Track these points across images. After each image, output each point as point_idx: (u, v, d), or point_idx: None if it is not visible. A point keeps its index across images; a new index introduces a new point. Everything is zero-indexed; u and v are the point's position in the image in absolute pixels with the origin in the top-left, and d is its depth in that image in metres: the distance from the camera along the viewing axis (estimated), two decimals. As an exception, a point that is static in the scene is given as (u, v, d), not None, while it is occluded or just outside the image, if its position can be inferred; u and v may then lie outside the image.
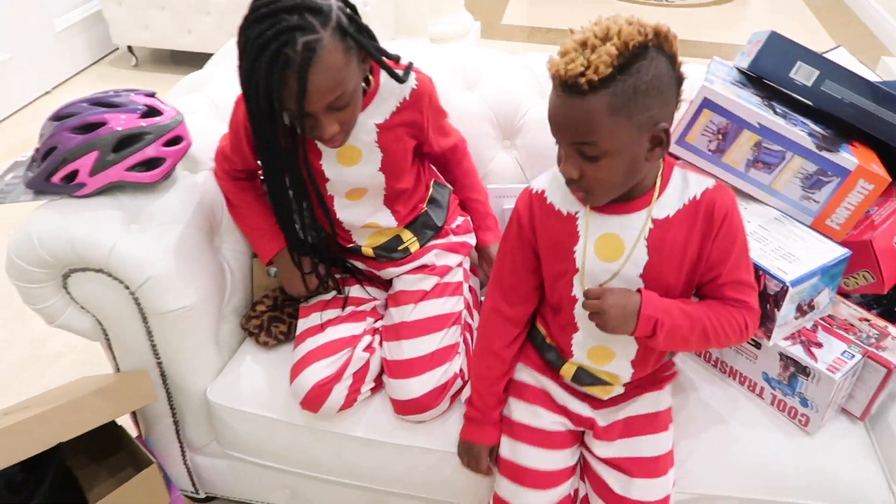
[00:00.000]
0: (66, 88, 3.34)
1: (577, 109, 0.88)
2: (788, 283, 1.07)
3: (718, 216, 1.00)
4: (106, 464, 1.35)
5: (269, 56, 0.96)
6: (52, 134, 1.19)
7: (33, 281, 1.19)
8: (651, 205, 1.01)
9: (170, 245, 1.20)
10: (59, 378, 1.87)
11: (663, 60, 0.88)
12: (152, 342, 1.26)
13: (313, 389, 1.20)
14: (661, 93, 0.88)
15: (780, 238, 1.17)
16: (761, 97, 1.27)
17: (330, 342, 1.25)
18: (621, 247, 1.03)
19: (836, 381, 1.10)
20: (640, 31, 0.85)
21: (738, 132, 1.21)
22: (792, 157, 1.19)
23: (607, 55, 0.84)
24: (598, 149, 0.90)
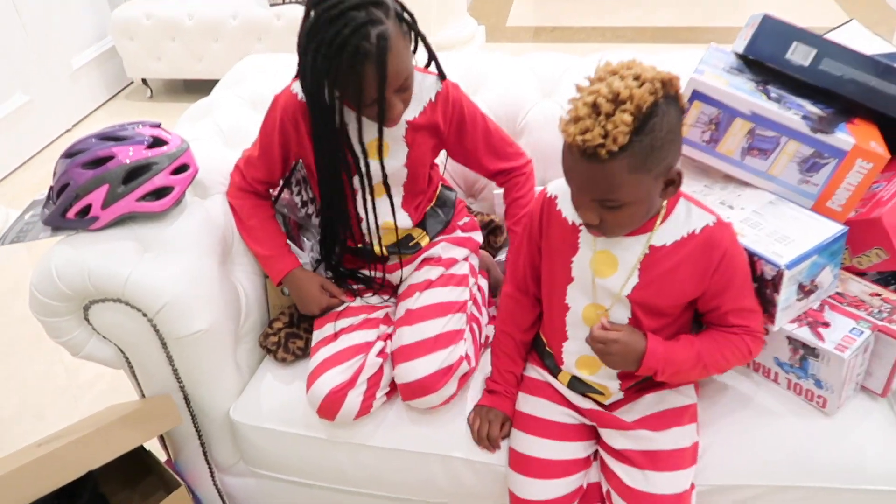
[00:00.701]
0: (86, 125, 3.43)
1: (597, 173, 0.92)
2: (783, 266, 1.06)
3: (717, 255, 1.04)
4: (138, 488, 1.38)
5: (350, 53, 1.04)
6: (64, 171, 1.23)
7: (56, 314, 1.22)
8: (652, 232, 1.04)
9: (183, 271, 1.23)
10: (93, 404, 1.92)
11: (672, 109, 0.92)
12: (173, 366, 1.29)
13: (328, 396, 1.22)
14: (673, 140, 0.94)
15: (774, 221, 1.16)
16: (756, 82, 1.25)
17: (343, 350, 1.27)
18: (615, 265, 1.07)
19: (845, 359, 1.08)
20: (651, 91, 0.88)
21: (731, 121, 1.20)
22: (787, 141, 1.18)
23: (624, 125, 0.87)
24: (619, 202, 0.95)
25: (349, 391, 1.22)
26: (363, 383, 1.24)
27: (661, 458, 1.11)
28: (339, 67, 1.06)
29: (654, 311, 1.08)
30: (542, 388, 1.23)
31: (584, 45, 3.82)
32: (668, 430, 1.13)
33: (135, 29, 3.31)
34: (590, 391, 1.18)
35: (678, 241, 1.05)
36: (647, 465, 1.10)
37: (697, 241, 1.04)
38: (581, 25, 4.07)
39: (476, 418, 1.24)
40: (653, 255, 1.05)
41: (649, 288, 1.06)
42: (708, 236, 1.04)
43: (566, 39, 3.91)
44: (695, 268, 1.05)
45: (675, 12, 4.18)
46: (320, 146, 1.21)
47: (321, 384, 1.23)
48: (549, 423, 1.19)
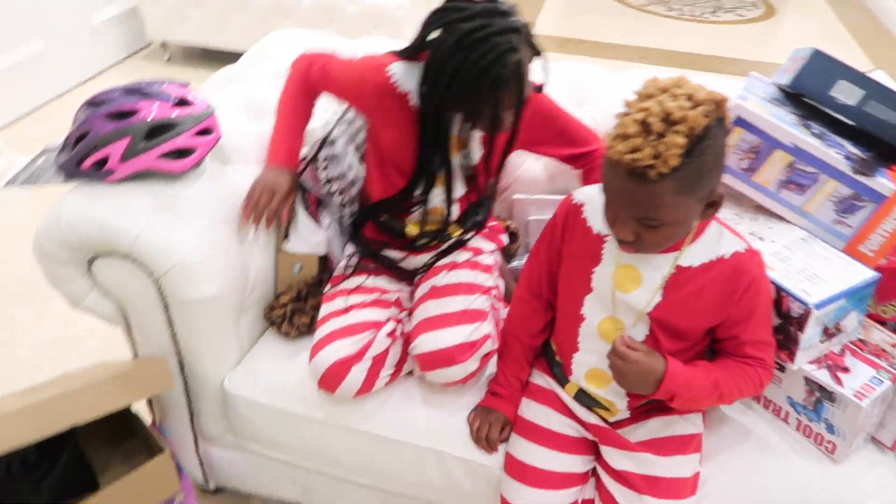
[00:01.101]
0: (99, 81, 3.38)
1: (642, 193, 0.89)
2: (812, 306, 1.04)
3: (743, 282, 1.02)
4: (119, 449, 1.35)
5: (491, 78, 1.07)
6: (85, 119, 1.21)
7: (59, 263, 1.20)
8: (680, 251, 1.03)
9: (196, 235, 1.21)
10: (82, 359, 1.88)
11: (721, 132, 0.90)
12: (172, 331, 1.26)
13: (333, 367, 1.19)
14: (719, 164, 0.93)
15: (805, 259, 1.14)
16: (798, 116, 1.24)
17: (353, 324, 1.24)
18: (638, 281, 1.05)
19: (863, 408, 1.07)
20: (705, 114, 0.86)
21: (771, 151, 1.19)
22: (826, 179, 1.17)
23: (677, 147, 0.85)
24: (660, 221, 0.93)
25: (354, 365, 1.20)
26: (369, 359, 1.21)
27: (661, 485, 1.09)
28: (476, 90, 1.09)
29: (673, 333, 1.06)
30: (548, 396, 1.21)
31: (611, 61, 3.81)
32: (672, 457, 1.11)
33: (161, -10, 3.28)
34: (596, 406, 1.16)
35: (706, 264, 1.03)
36: (646, 490, 1.08)
37: (726, 265, 1.02)
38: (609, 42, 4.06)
39: (476, 418, 1.22)
40: (679, 274, 1.03)
41: (672, 308, 1.05)
42: (737, 262, 1.02)
43: (593, 54, 3.90)
44: (720, 293, 1.03)
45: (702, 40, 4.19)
46: (423, 145, 1.23)
47: (326, 354, 1.21)
48: (551, 433, 1.17)
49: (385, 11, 3.10)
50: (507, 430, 1.21)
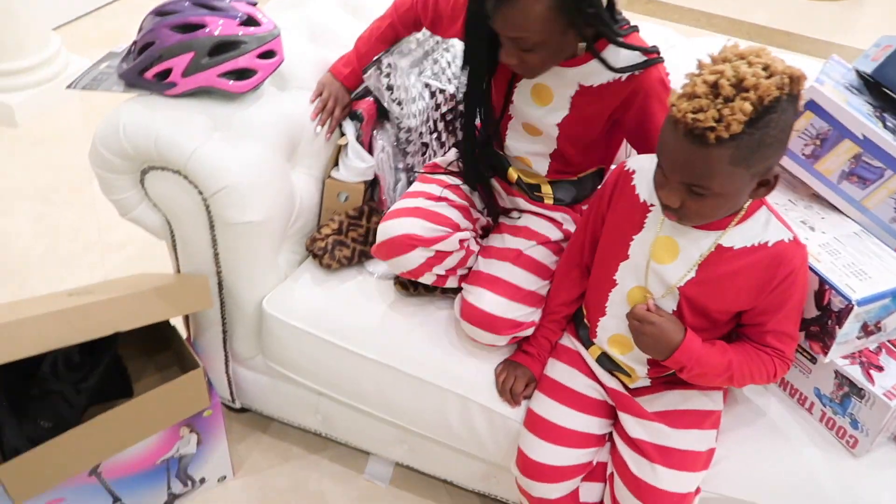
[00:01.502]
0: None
1: (697, 156, 0.87)
2: (854, 302, 1.02)
3: (782, 273, 1.00)
4: (154, 359, 1.39)
5: None
6: (151, 29, 1.20)
7: (114, 171, 1.21)
8: (724, 231, 1.00)
9: (248, 159, 1.21)
10: (119, 266, 1.93)
11: (791, 108, 0.87)
12: (216, 250, 1.28)
13: (401, 237, 1.20)
14: (783, 141, 0.89)
15: (854, 254, 1.12)
16: (874, 107, 1.19)
17: (439, 213, 1.25)
18: (676, 254, 1.04)
19: (891, 407, 1.06)
20: (779, 85, 0.83)
21: (839, 140, 1.14)
22: (892, 175, 1.13)
23: (742, 113, 0.82)
24: (709, 191, 0.90)
25: (420, 247, 1.21)
26: (433, 251, 1.22)
27: (674, 456, 1.10)
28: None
29: (700, 312, 1.06)
30: (573, 356, 1.23)
31: (678, 25, 3.68)
32: (687, 431, 1.12)
33: None
34: (617, 370, 1.17)
35: (747, 248, 1.01)
36: (658, 459, 1.10)
37: (767, 253, 1.00)
38: (676, 4, 3.91)
39: (504, 371, 1.24)
40: (718, 254, 1.01)
41: (703, 286, 1.03)
42: (780, 252, 1.00)
43: (659, 15, 3.77)
44: (755, 280, 1.01)
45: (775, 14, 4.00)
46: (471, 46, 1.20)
47: (400, 224, 1.21)
48: (573, 393, 1.19)
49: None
50: (532, 386, 1.23)
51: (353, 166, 1.37)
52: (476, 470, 1.38)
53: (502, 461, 1.27)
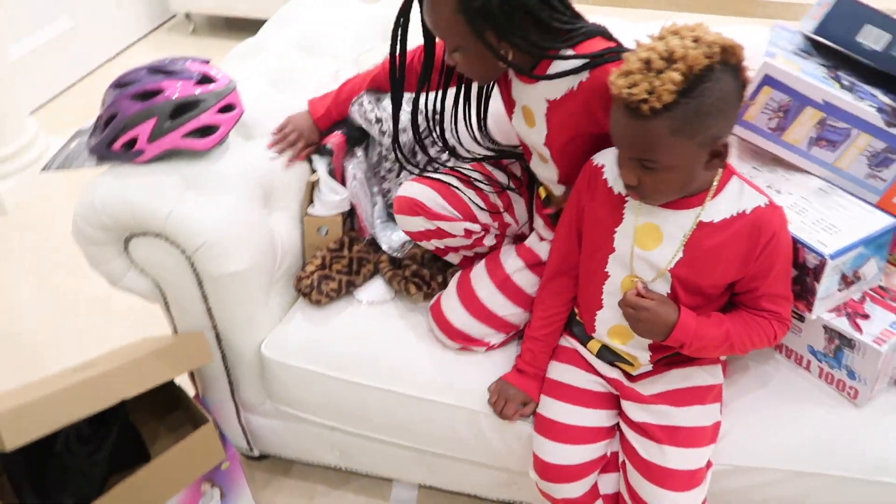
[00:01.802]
0: (127, 56, 3.42)
1: (638, 130, 0.91)
2: (827, 256, 1.04)
3: (764, 237, 1.01)
4: (166, 421, 1.42)
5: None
6: (112, 101, 1.23)
7: (97, 244, 1.24)
8: (701, 206, 1.02)
9: (223, 211, 1.24)
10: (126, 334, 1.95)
11: (728, 76, 0.89)
12: (207, 305, 1.30)
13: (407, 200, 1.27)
14: (724, 111, 0.91)
15: (822, 210, 1.13)
16: (827, 67, 1.21)
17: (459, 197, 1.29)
18: (660, 238, 1.05)
19: (881, 353, 1.07)
20: (707, 54, 0.86)
21: (801, 109, 1.16)
22: (858, 134, 1.14)
23: (671, 83, 0.86)
24: (658, 164, 0.94)
25: (422, 216, 1.27)
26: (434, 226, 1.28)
27: (680, 434, 1.11)
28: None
29: (693, 289, 1.07)
30: (570, 354, 1.23)
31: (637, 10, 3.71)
32: (691, 408, 1.13)
33: (181, -39, 3.28)
34: (619, 360, 1.18)
35: (727, 220, 1.02)
36: (665, 440, 1.11)
37: (746, 221, 1.02)
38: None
39: (495, 393, 1.24)
40: (700, 230, 1.03)
41: (693, 264, 1.05)
42: (758, 217, 1.02)
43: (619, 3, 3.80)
44: (740, 248, 1.03)
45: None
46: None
47: (413, 188, 1.28)
48: (576, 390, 1.20)
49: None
50: (531, 406, 1.22)
51: (327, 200, 1.39)
52: (497, 479, 1.39)
53: (520, 467, 1.28)
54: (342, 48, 1.67)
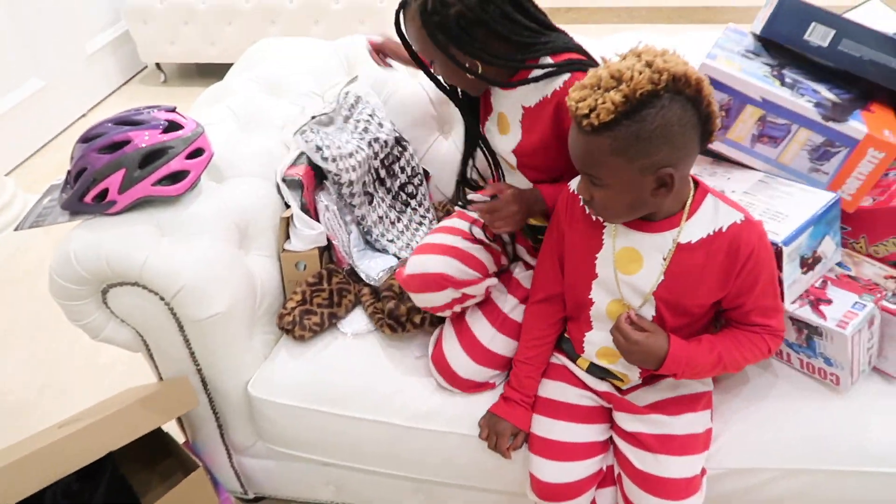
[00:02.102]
0: (101, 110, 3.44)
1: (584, 144, 0.93)
2: (781, 244, 1.05)
3: (743, 253, 1.01)
4: (157, 470, 1.40)
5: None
6: (81, 155, 1.24)
7: (75, 298, 1.24)
8: (677, 228, 1.02)
9: (200, 254, 1.24)
10: (113, 385, 1.95)
11: (677, 107, 0.89)
12: (190, 349, 1.30)
13: (435, 276, 1.20)
14: (669, 140, 0.90)
15: (766, 200, 1.15)
16: (772, 66, 1.24)
17: (475, 257, 1.24)
18: (640, 262, 1.06)
19: (847, 335, 1.07)
20: (653, 80, 0.87)
21: (741, 108, 1.19)
22: (798, 129, 1.17)
23: (611, 102, 0.87)
24: (601, 181, 0.96)
25: (450, 287, 1.21)
26: (460, 293, 1.23)
27: (674, 443, 1.11)
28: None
29: (679, 310, 1.07)
30: (560, 371, 1.23)
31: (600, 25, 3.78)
32: (682, 416, 1.13)
33: (148, 13, 3.31)
34: (609, 376, 1.19)
35: (704, 239, 1.02)
36: (659, 449, 1.11)
37: (724, 238, 1.01)
38: (597, 6, 4.02)
39: (485, 428, 1.23)
40: (679, 252, 1.03)
41: (675, 286, 1.05)
42: (735, 234, 1.01)
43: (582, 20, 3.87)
44: (720, 267, 1.02)
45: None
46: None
47: (436, 262, 1.20)
48: (568, 406, 1.19)
49: (369, 5, 3.11)
50: (521, 436, 1.21)
51: (303, 235, 1.40)
52: (495, 501, 1.38)
53: (518, 488, 1.27)
54: (307, 85, 1.69)
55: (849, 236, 1.24)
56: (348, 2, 3.12)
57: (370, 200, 1.52)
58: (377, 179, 1.55)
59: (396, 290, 1.39)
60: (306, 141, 1.42)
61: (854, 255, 1.22)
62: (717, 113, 0.93)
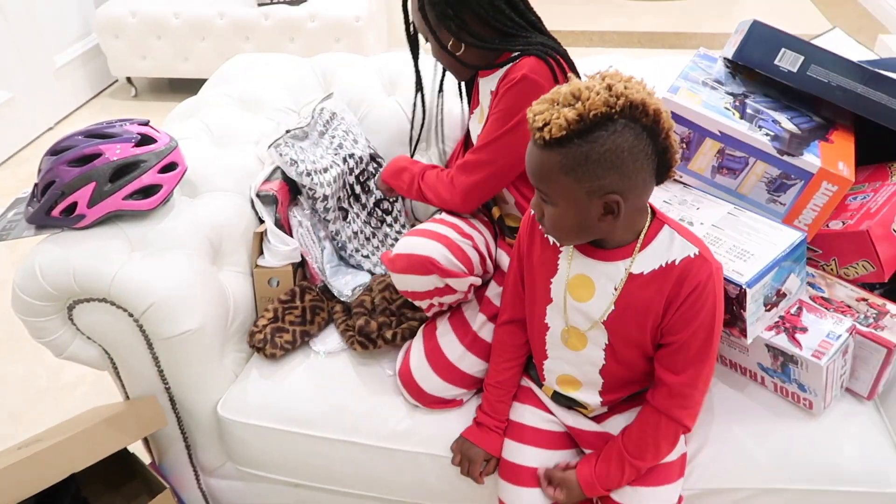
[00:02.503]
0: (69, 123, 3.38)
1: (537, 157, 0.93)
2: (745, 286, 1.05)
3: (688, 287, 0.98)
4: (121, 491, 1.36)
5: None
6: (49, 168, 1.21)
7: (39, 314, 1.20)
8: (629, 258, 1.01)
9: (171, 270, 1.22)
10: (75, 406, 1.89)
11: (630, 134, 0.87)
12: (159, 367, 1.27)
13: (423, 258, 1.17)
14: (618, 166, 0.88)
15: (734, 236, 1.15)
16: (735, 96, 1.27)
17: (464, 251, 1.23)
18: (592, 290, 1.05)
19: (822, 366, 1.08)
20: (609, 103, 0.85)
21: (701, 140, 1.22)
22: (755, 162, 1.20)
23: (564, 119, 0.86)
24: (549, 197, 0.95)
25: (436, 274, 1.18)
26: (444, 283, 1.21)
27: (649, 473, 1.10)
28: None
29: (630, 343, 1.05)
30: (527, 393, 1.22)
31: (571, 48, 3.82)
32: None
33: (120, 27, 3.27)
34: (574, 405, 1.18)
35: (656, 271, 1.00)
36: (637, 481, 1.10)
37: (675, 271, 0.99)
38: (568, 30, 4.08)
39: (457, 454, 1.22)
40: (631, 282, 1.01)
41: (625, 317, 1.03)
42: (685, 267, 0.98)
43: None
44: (665, 298, 1.00)
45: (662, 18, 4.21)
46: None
47: (427, 245, 1.19)
48: (536, 431, 1.18)
49: (345, 24, 3.11)
50: (492, 463, 1.20)
51: (277, 251, 1.39)
52: (469, 523, 1.37)
53: (491, 507, 1.27)
54: (282, 101, 1.68)
55: (820, 259, 1.26)
56: (324, 20, 3.12)
57: (345, 216, 1.51)
58: (352, 195, 1.55)
59: (367, 306, 1.37)
60: (281, 154, 1.41)
61: (827, 276, 1.24)
62: (675, 147, 0.91)
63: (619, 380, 1.10)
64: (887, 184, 1.23)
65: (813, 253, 1.26)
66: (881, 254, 1.14)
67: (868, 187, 1.26)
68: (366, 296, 1.39)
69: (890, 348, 1.11)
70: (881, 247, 1.14)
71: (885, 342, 1.12)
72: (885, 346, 1.12)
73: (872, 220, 1.16)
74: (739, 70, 1.34)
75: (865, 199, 1.23)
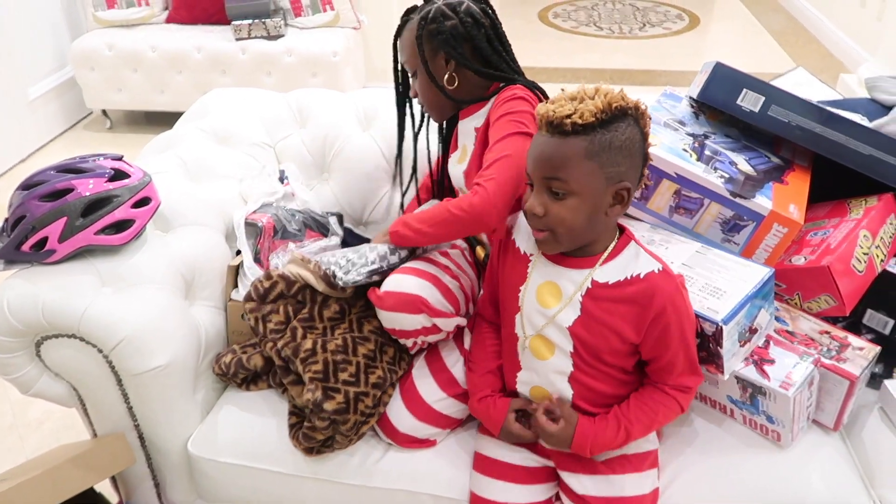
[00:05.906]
0: (42, 155, 3.36)
1: (556, 147, 0.98)
2: (720, 322, 1.07)
3: (657, 305, 1.03)
4: (87, 532, 1.33)
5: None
6: (20, 203, 1.21)
7: (6, 351, 1.19)
8: (595, 267, 1.06)
9: (142, 306, 1.21)
10: (41, 444, 1.85)
11: (635, 130, 1.00)
12: (128, 404, 1.25)
13: (414, 298, 1.16)
14: (631, 155, 1.00)
15: (705, 273, 1.17)
16: (695, 136, 1.32)
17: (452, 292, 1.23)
18: (559, 296, 1.08)
19: (789, 397, 1.11)
20: (624, 98, 0.98)
21: (659, 181, 1.26)
22: (709, 203, 1.24)
23: (593, 107, 0.96)
24: (567, 186, 0.98)
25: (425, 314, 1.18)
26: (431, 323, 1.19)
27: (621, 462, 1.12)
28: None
29: (592, 352, 1.08)
30: None
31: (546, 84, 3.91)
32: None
33: (96, 59, 3.27)
34: None
35: (621, 282, 1.04)
36: (608, 469, 1.11)
37: (640, 285, 1.04)
38: (542, 66, 4.17)
39: (512, 439, 1.18)
40: (594, 290, 1.05)
41: (589, 324, 1.06)
42: (651, 284, 1.03)
43: (528, 80, 4.00)
44: (633, 313, 1.04)
45: (632, 57, 4.32)
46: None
47: (419, 284, 1.18)
48: (510, 466, 1.18)
49: (322, 59, 3.15)
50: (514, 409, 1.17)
51: (251, 286, 1.38)
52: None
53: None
54: (258, 136, 1.69)
55: (784, 293, 1.29)
56: (301, 55, 3.15)
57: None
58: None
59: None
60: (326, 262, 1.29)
61: (791, 310, 1.27)
62: (649, 156, 1.05)
63: (590, 391, 1.11)
64: (846, 220, 1.27)
65: (778, 287, 1.29)
66: (842, 288, 1.17)
67: (828, 223, 1.30)
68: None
69: (852, 380, 1.14)
70: (842, 282, 1.17)
71: (848, 374, 1.14)
72: (848, 378, 1.14)
73: (833, 255, 1.19)
74: (703, 109, 1.38)
75: (826, 234, 1.27)
